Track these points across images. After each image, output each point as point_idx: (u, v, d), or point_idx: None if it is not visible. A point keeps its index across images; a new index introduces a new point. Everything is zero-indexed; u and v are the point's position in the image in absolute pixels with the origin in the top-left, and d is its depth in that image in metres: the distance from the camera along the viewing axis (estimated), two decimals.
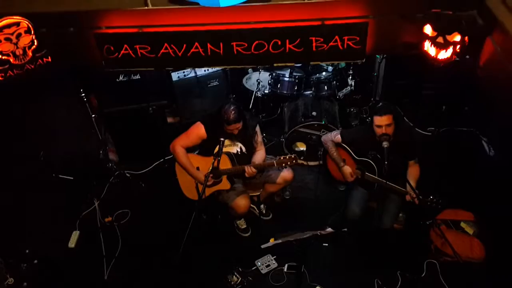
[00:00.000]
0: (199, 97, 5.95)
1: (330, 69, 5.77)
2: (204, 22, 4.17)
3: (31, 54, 4.09)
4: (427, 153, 4.87)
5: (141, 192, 5.42)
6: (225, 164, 4.29)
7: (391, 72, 5.92)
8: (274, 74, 5.76)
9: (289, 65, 5.37)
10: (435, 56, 4.08)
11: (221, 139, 4.14)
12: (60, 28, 4.23)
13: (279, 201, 5.24)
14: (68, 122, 5.15)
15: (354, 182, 4.41)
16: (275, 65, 4.47)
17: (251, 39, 4.18)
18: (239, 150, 4.44)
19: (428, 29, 4.03)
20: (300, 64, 5.70)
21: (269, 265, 4.51)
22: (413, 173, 4.26)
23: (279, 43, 4.18)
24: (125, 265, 4.60)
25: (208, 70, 5.83)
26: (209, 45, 4.22)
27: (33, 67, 4.14)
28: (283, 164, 4.20)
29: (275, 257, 4.55)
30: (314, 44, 4.19)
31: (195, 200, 4.44)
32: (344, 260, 4.56)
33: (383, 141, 3.97)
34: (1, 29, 3.87)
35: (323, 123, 5.31)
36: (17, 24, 3.93)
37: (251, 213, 4.94)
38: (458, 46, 4.00)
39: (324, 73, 5.75)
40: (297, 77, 5.69)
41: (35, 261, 4.41)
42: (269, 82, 5.86)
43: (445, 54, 4.04)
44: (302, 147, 5.58)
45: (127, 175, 5.55)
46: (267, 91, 5.97)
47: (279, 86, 5.76)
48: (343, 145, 4.39)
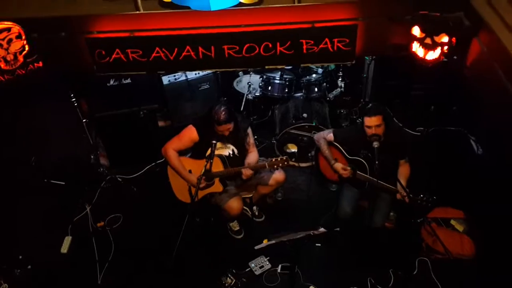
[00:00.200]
0: (190, 101, 5.99)
1: (320, 71, 5.83)
2: (195, 25, 4.25)
3: (22, 59, 4.14)
4: (417, 153, 4.93)
5: (133, 196, 5.42)
6: (217, 166, 4.32)
7: (380, 73, 5.99)
8: (264, 76, 5.80)
9: (280, 67, 5.46)
10: (423, 57, 4.20)
11: (213, 141, 4.16)
12: (51, 33, 4.27)
13: (271, 202, 5.27)
14: (59, 127, 5.15)
15: (346, 179, 4.47)
16: (266, 67, 4.55)
17: (242, 42, 4.25)
18: (231, 152, 4.47)
19: (416, 31, 4.14)
20: (290, 66, 5.77)
21: (262, 266, 4.55)
22: (403, 172, 4.34)
23: (270, 45, 4.27)
24: (119, 270, 4.61)
25: (199, 73, 5.87)
26: (200, 49, 4.29)
27: (24, 72, 4.19)
28: (275, 165, 4.23)
29: (269, 258, 4.59)
30: (304, 46, 4.28)
31: (188, 203, 4.46)
32: (337, 259, 4.62)
33: (373, 141, 4.04)
34: None
35: (314, 124, 5.36)
36: (8, 29, 3.99)
37: (243, 215, 4.96)
38: (445, 46, 4.12)
39: (314, 75, 5.81)
40: (287, 79, 5.75)
41: (29, 267, 4.42)
42: (260, 84, 5.91)
43: (433, 54, 4.16)
44: (293, 149, 5.62)
45: (119, 179, 5.55)
46: (258, 94, 6.02)
47: (269, 88, 5.81)
48: (335, 144, 4.45)
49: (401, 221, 4.81)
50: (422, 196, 4.03)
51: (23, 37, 4.06)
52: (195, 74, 5.87)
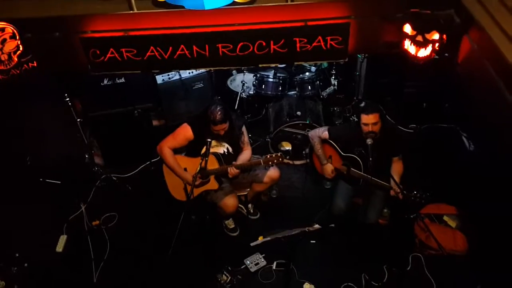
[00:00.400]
0: (184, 100, 6.01)
1: (313, 69, 5.91)
2: (189, 24, 4.28)
3: (16, 59, 4.14)
4: (409, 149, 4.97)
5: (128, 195, 5.45)
6: (212, 164, 4.36)
7: (373, 71, 6.05)
8: (258, 75, 5.86)
9: (273, 66, 5.51)
10: (415, 54, 4.25)
11: (208, 139, 4.20)
12: (45, 33, 4.29)
13: (266, 200, 5.33)
14: (53, 126, 5.17)
15: (339, 178, 4.55)
16: (260, 65, 4.59)
17: (236, 40, 4.29)
18: (226, 150, 4.51)
19: (407, 28, 4.19)
20: (284, 65, 5.83)
21: (258, 263, 4.60)
22: (396, 169, 4.40)
23: (264, 44, 4.31)
24: (114, 268, 4.64)
25: (192, 72, 5.89)
26: (194, 47, 4.32)
27: (18, 72, 4.19)
28: (270, 162, 4.27)
29: (264, 255, 4.65)
30: (298, 44, 4.33)
31: (183, 201, 4.49)
32: (331, 256, 4.68)
33: (368, 138, 4.12)
34: None
35: (307, 122, 5.42)
36: (2, 29, 4.00)
37: (239, 213, 5.02)
38: (436, 44, 4.18)
39: (307, 73, 5.89)
40: (281, 77, 5.81)
41: (26, 265, 4.45)
42: (254, 83, 5.96)
43: (424, 52, 4.21)
44: (287, 147, 5.68)
45: (114, 178, 5.58)
46: (251, 92, 6.07)
47: (263, 87, 5.87)
48: (330, 141, 4.51)
49: (394, 217, 4.87)
50: (415, 192, 4.08)
51: (17, 37, 4.07)
52: (189, 73, 5.90)
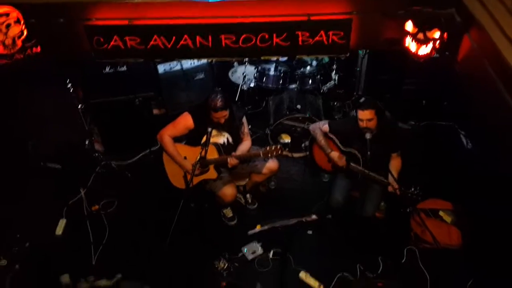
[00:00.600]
0: (185, 90, 6.07)
1: (314, 63, 5.97)
2: (193, 15, 4.33)
3: (20, 44, 4.19)
4: (408, 146, 5.01)
5: (128, 182, 5.52)
6: (212, 154, 4.40)
7: (373, 67, 6.07)
8: (259, 68, 5.93)
9: (275, 58, 5.57)
10: (415, 51, 4.31)
11: (209, 129, 4.25)
12: (50, 18, 4.33)
13: (264, 191, 5.40)
14: (55, 112, 5.20)
15: (338, 171, 4.61)
16: (262, 58, 4.65)
17: (239, 32, 4.35)
18: (226, 140, 4.57)
19: (409, 26, 4.25)
20: (286, 57, 5.88)
21: (255, 252, 4.66)
22: (394, 165, 4.46)
23: (267, 36, 4.37)
24: (113, 252, 4.71)
25: (194, 63, 5.95)
26: (198, 38, 4.38)
27: (22, 57, 4.25)
28: (269, 154, 4.30)
29: (261, 244, 4.70)
30: (300, 38, 4.40)
31: (183, 189, 4.54)
32: (327, 246, 4.75)
33: (366, 132, 4.18)
34: None
35: (307, 116, 5.48)
36: (7, 14, 4.04)
37: (237, 202, 5.09)
38: (437, 42, 4.24)
39: (308, 68, 5.95)
40: (282, 71, 5.88)
41: (27, 244, 4.53)
42: (255, 75, 6.03)
43: (425, 49, 4.28)
44: (287, 139, 5.73)
45: (113, 165, 5.65)
46: (252, 85, 6.14)
47: (264, 79, 5.94)
48: (330, 135, 4.57)
49: (391, 211, 4.95)
50: (413, 189, 4.16)
51: (22, 22, 4.12)
52: (190, 63, 5.95)
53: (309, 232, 4.85)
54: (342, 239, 4.81)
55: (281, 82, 5.96)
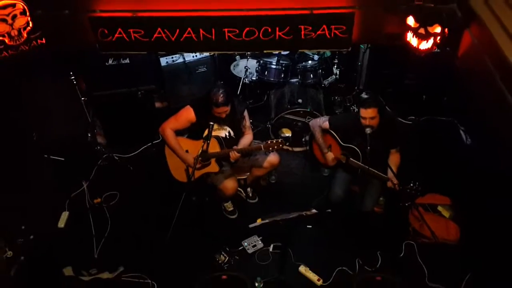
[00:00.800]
0: (187, 83, 6.11)
1: (316, 57, 6.00)
2: (197, 8, 4.38)
3: (26, 35, 4.23)
4: (408, 141, 5.11)
5: (130, 175, 5.57)
6: (214, 147, 4.45)
7: (375, 62, 6.16)
8: (261, 61, 5.96)
9: (277, 52, 5.62)
10: (417, 46, 4.36)
11: (211, 123, 4.28)
12: (55, 10, 4.37)
13: (265, 185, 5.45)
14: (58, 104, 5.26)
15: (338, 166, 4.67)
16: (264, 51, 4.70)
17: (243, 26, 4.39)
18: (228, 134, 4.61)
19: (410, 21, 4.30)
20: (287, 52, 5.93)
21: (255, 245, 4.74)
22: (393, 161, 4.51)
23: (269, 30, 4.42)
24: (115, 245, 4.77)
25: (196, 56, 5.99)
26: (201, 31, 4.42)
27: (27, 48, 4.28)
28: (270, 148, 4.35)
29: (261, 237, 4.78)
30: (302, 32, 4.44)
31: (184, 182, 4.58)
32: (327, 240, 4.81)
33: (366, 128, 4.22)
34: None
35: (308, 110, 5.53)
36: (13, 5, 4.07)
37: (238, 196, 5.15)
38: (438, 37, 4.29)
39: (310, 62, 5.98)
40: (284, 65, 5.91)
41: (31, 237, 4.58)
42: (257, 69, 6.06)
43: (426, 44, 4.33)
44: (288, 133, 5.78)
45: (116, 158, 5.70)
46: (254, 78, 6.17)
47: (266, 73, 5.97)
48: (330, 131, 4.62)
49: (390, 206, 5.01)
50: (412, 185, 4.21)
51: (27, 14, 4.16)
52: (193, 56, 5.99)
53: (308, 226, 4.91)
54: (341, 233, 4.87)
55: (282, 76, 5.99)
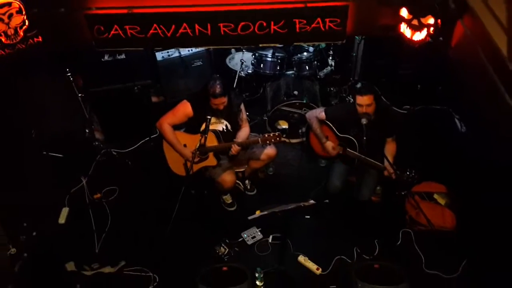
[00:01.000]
0: (183, 77, 6.17)
1: (311, 49, 6.07)
2: (192, 3, 4.42)
3: (22, 34, 4.26)
4: (403, 130, 5.17)
5: (128, 169, 5.64)
6: (211, 141, 4.52)
7: (369, 52, 6.22)
8: (257, 54, 6.01)
9: (273, 45, 5.69)
10: (410, 37, 4.44)
11: (208, 116, 4.36)
12: (51, 8, 4.41)
13: (262, 177, 5.52)
14: (55, 100, 5.30)
15: (335, 157, 4.74)
16: (260, 45, 4.76)
17: (238, 20, 4.45)
18: (225, 127, 4.68)
19: (404, 12, 4.37)
20: (283, 45, 6.00)
21: (254, 237, 4.82)
22: (389, 150, 4.59)
23: (264, 24, 4.47)
24: (116, 240, 4.85)
25: (192, 50, 6.04)
26: (197, 26, 4.47)
27: (24, 46, 4.32)
28: (267, 141, 4.44)
29: (260, 229, 4.87)
30: (297, 25, 4.50)
31: (183, 176, 4.65)
32: (325, 230, 4.91)
33: (362, 118, 4.30)
34: None
35: (304, 101, 5.60)
36: (9, 4, 4.10)
37: (236, 189, 5.23)
38: (431, 28, 4.37)
39: (305, 54, 6.06)
40: (279, 57, 5.98)
41: (34, 233, 4.66)
42: (252, 62, 6.13)
43: (419, 35, 4.41)
44: (284, 125, 5.84)
45: (114, 153, 5.76)
46: (250, 71, 6.24)
47: (262, 66, 6.04)
48: (326, 122, 4.69)
49: (386, 194, 5.10)
50: (408, 173, 4.31)
51: (24, 12, 4.19)
52: (188, 50, 6.04)
53: (307, 216, 5.00)
54: (339, 223, 4.97)
55: (278, 68, 6.06)
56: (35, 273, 4.53)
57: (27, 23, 4.27)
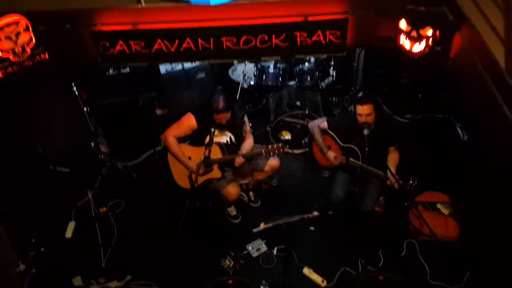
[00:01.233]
0: (186, 89, 6.28)
1: (312, 60, 6.18)
2: (195, 19, 4.56)
3: (29, 51, 4.42)
4: (405, 139, 5.22)
5: (134, 182, 5.72)
6: (216, 153, 4.60)
7: (370, 62, 6.31)
8: (259, 65, 6.13)
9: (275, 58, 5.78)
10: (409, 49, 4.56)
11: (212, 129, 4.44)
12: (57, 25, 4.55)
13: (266, 188, 5.59)
14: (61, 115, 5.40)
15: (338, 167, 4.79)
16: (262, 59, 4.88)
17: (240, 34, 4.58)
18: (229, 139, 4.75)
19: (403, 24, 4.49)
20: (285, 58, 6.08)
21: (259, 249, 4.86)
22: (393, 159, 4.63)
23: (266, 38, 4.60)
24: (122, 253, 4.92)
25: (195, 62, 6.10)
26: (200, 41, 4.61)
27: (31, 63, 4.47)
28: (271, 152, 4.48)
29: (265, 241, 4.91)
30: (298, 38, 4.63)
31: (188, 188, 4.72)
32: (329, 241, 4.95)
33: (364, 128, 4.36)
34: (1, 28, 4.18)
35: (306, 112, 5.68)
36: (16, 23, 4.26)
37: (240, 201, 5.27)
38: (430, 39, 4.49)
39: (307, 64, 6.18)
40: (281, 68, 6.10)
41: (42, 249, 4.72)
42: (254, 73, 6.24)
43: (418, 47, 4.53)
44: (287, 136, 5.93)
45: (119, 166, 5.84)
46: (252, 83, 6.35)
47: (264, 77, 6.16)
48: (329, 131, 4.74)
49: (390, 205, 5.14)
50: (411, 182, 4.34)
51: (31, 30, 4.34)
52: (191, 63, 6.12)
53: (311, 228, 5.04)
54: (343, 234, 5.00)
55: (280, 79, 6.18)
56: None
57: (34, 41, 4.42)
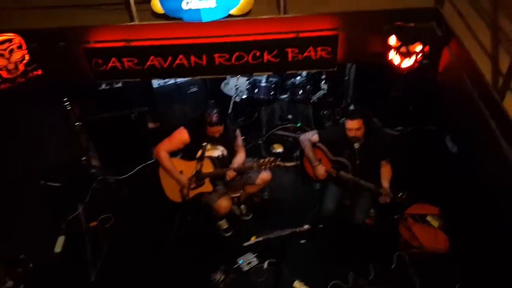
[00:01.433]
0: (179, 103, 6.35)
1: (304, 74, 6.30)
2: (187, 35, 4.64)
3: (22, 68, 4.49)
4: (396, 151, 5.18)
5: (124, 196, 5.76)
6: (207, 167, 4.67)
7: (361, 76, 6.41)
8: (251, 79, 6.23)
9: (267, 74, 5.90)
10: (399, 64, 4.67)
11: (204, 143, 4.53)
12: (50, 43, 4.61)
13: (258, 201, 5.65)
14: (53, 131, 5.48)
15: (329, 180, 4.88)
16: (254, 74, 4.98)
17: (232, 51, 4.67)
18: (221, 153, 4.84)
19: (392, 40, 4.61)
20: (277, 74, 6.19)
21: (250, 263, 4.90)
22: (385, 173, 4.73)
23: (258, 54, 4.70)
24: (111, 268, 4.93)
25: None
26: (192, 57, 4.69)
27: (24, 80, 4.54)
28: (263, 166, 4.58)
29: (256, 254, 4.94)
30: (290, 54, 4.73)
31: (178, 202, 4.79)
32: (320, 255, 4.99)
33: (354, 142, 4.48)
34: None
35: (298, 125, 5.79)
36: (10, 40, 4.34)
37: (232, 214, 5.32)
38: (419, 55, 4.61)
39: (298, 78, 6.29)
40: (273, 82, 6.21)
41: (30, 265, 4.75)
42: (247, 87, 6.34)
43: (408, 62, 4.64)
44: (279, 149, 6.01)
45: (110, 180, 5.90)
46: (244, 96, 6.44)
47: (256, 91, 6.26)
48: (319, 145, 4.84)
49: (380, 217, 5.21)
50: (401, 194, 4.45)
51: (24, 47, 4.42)
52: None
53: (302, 241, 5.07)
54: (334, 247, 5.06)
55: (272, 93, 6.28)
56: None
57: (27, 58, 4.49)
